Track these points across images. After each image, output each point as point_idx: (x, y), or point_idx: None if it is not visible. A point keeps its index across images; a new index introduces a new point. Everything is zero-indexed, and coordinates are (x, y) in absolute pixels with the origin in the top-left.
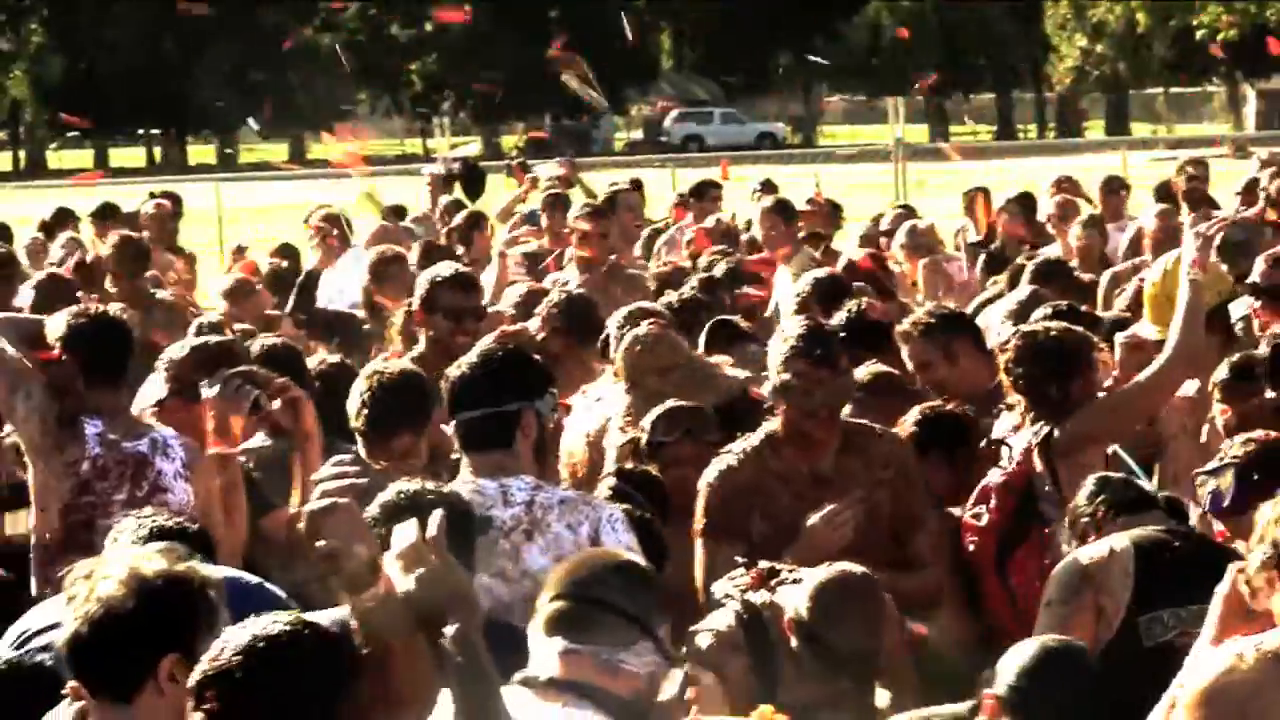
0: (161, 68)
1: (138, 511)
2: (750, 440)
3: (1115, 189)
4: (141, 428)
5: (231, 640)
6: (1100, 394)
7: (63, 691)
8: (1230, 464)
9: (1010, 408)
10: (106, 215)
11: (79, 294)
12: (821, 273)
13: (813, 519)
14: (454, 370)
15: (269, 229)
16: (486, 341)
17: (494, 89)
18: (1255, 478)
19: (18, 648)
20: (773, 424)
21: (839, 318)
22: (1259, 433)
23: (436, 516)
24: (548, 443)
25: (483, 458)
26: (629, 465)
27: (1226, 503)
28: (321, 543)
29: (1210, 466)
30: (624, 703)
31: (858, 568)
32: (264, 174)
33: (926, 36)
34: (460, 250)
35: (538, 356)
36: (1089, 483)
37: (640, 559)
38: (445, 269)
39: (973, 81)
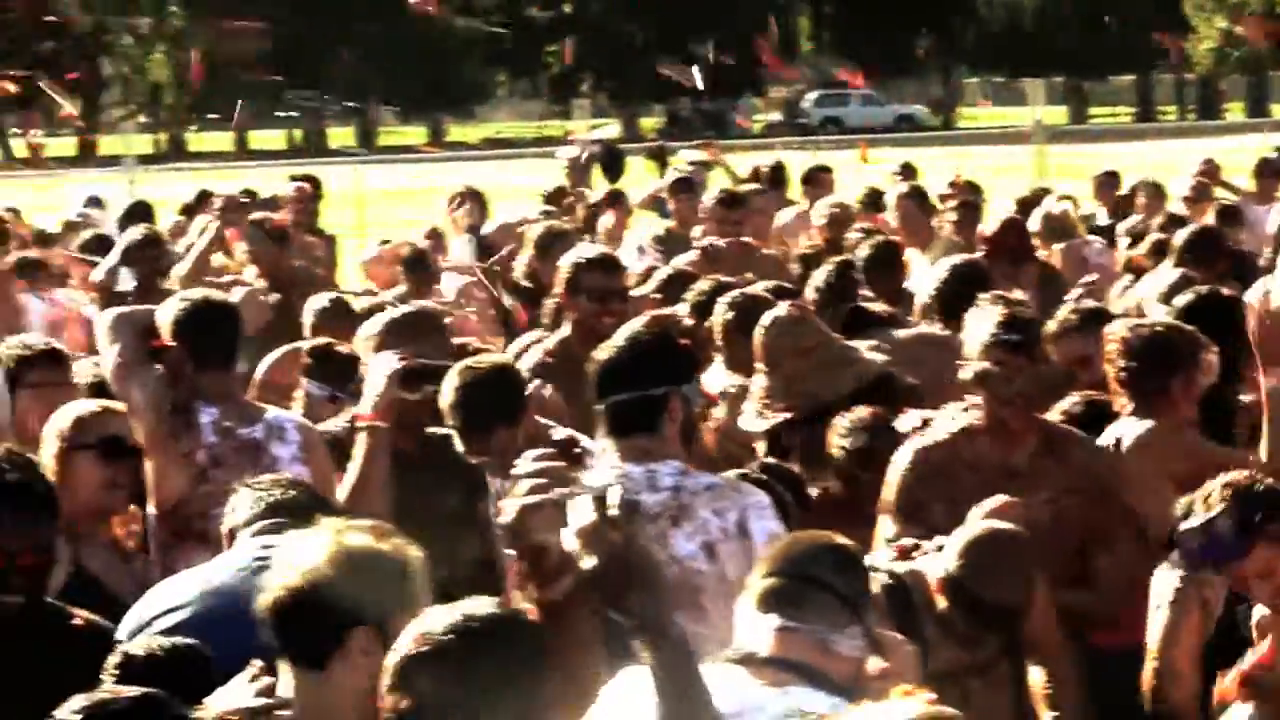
0: (303, 49)
1: (255, 481)
2: (948, 425)
3: (1269, 172)
4: (256, 412)
5: (441, 620)
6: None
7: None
8: (1223, 510)
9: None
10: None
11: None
12: (959, 260)
13: (986, 503)
14: (600, 353)
15: (409, 212)
16: (634, 324)
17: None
18: (1256, 519)
19: (136, 634)
20: (971, 414)
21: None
22: (1237, 474)
23: (616, 493)
24: (694, 427)
25: (629, 442)
26: (769, 460)
27: (1231, 551)
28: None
29: (1197, 520)
30: (838, 685)
31: (1008, 525)
32: (404, 156)
33: (1062, 17)
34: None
35: (685, 341)
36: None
37: (850, 543)
38: (589, 251)
39: (1111, 63)
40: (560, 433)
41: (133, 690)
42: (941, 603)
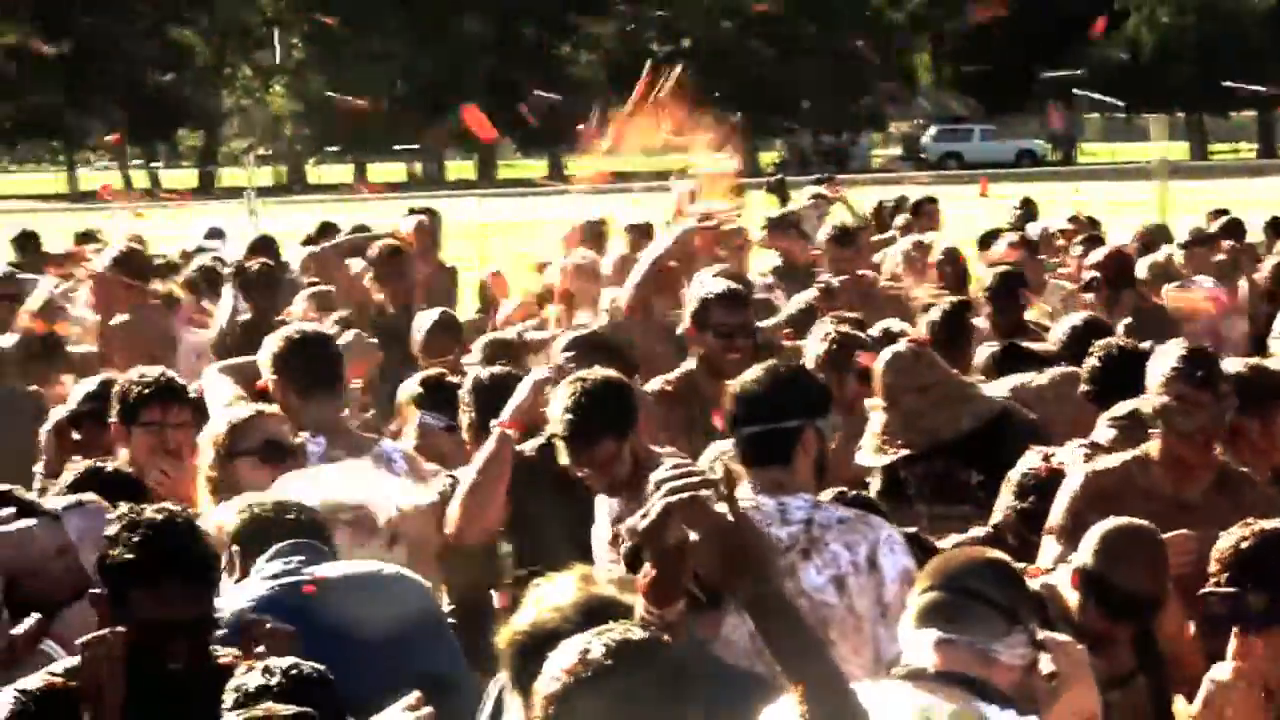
0: (423, 83)
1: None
2: (1123, 455)
3: None
4: (365, 443)
5: (596, 641)
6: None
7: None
8: (1252, 576)
9: None
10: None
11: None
12: (1078, 320)
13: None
14: (736, 386)
15: (527, 245)
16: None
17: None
18: None
19: None
20: (1148, 444)
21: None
22: (1251, 527)
23: (720, 469)
24: (827, 460)
25: (762, 474)
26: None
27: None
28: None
29: (1222, 587)
30: (1004, 695)
31: (1142, 521)
32: (522, 189)
33: (1184, 52)
34: None
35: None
36: None
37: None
38: (717, 285)
39: (1230, 100)
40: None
41: (288, 709)
42: (1075, 599)
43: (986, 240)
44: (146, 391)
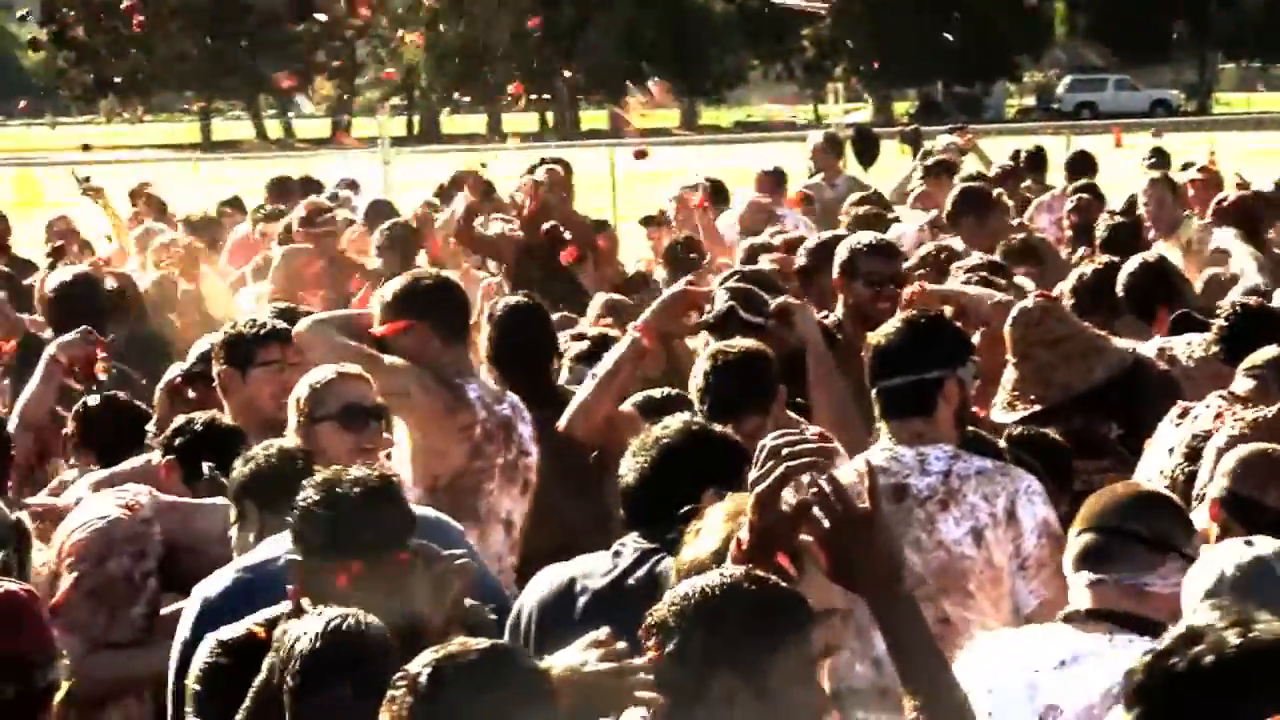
0: (555, 32)
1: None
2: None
3: None
4: (500, 390)
5: (715, 580)
6: None
7: None
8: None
9: None
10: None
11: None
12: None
13: None
14: (876, 337)
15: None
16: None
17: None
18: None
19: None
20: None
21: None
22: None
23: (860, 463)
24: (969, 411)
25: (902, 425)
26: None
27: None
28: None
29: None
30: (1160, 625)
31: (1269, 444)
32: (655, 140)
33: None
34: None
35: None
36: None
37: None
38: (866, 236)
39: None
40: (811, 429)
41: (481, 642)
42: (1216, 531)
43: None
44: (262, 332)
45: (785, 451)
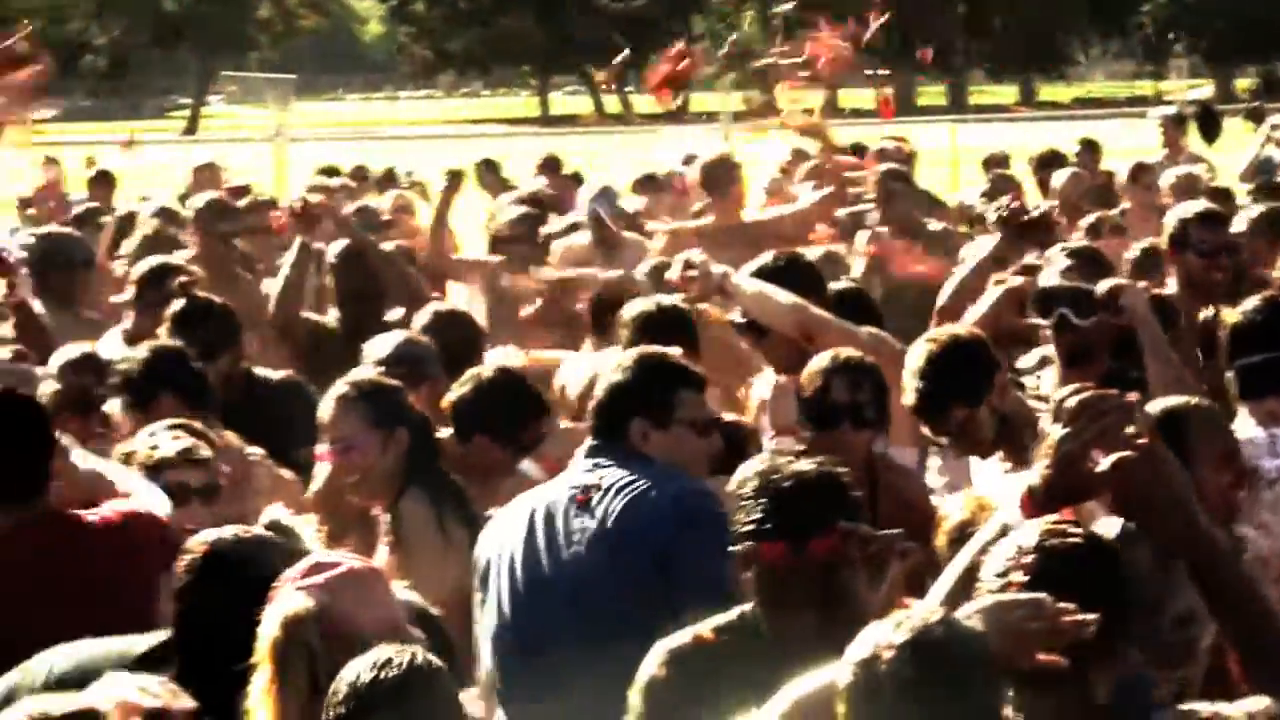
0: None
1: None
2: None
3: None
4: None
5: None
6: None
7: None
8: None
9: None
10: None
11: None
12: None
13: None
14: (1233, 315)
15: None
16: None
17: None
18: None
19: None
20: None
21: None
22: None
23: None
24: None
25: (1258, 405)
26: None
27: None
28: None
29: None
30: None
31: None
32: (993, 115)
33: None
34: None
35: None
36: None
37: None
38: (1195, 206)
39: None
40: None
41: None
42: None
43: None
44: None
45: (1091, 410)
